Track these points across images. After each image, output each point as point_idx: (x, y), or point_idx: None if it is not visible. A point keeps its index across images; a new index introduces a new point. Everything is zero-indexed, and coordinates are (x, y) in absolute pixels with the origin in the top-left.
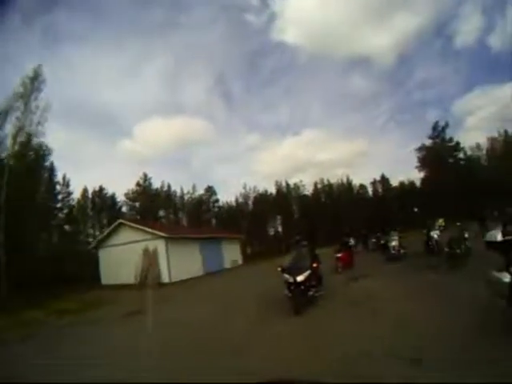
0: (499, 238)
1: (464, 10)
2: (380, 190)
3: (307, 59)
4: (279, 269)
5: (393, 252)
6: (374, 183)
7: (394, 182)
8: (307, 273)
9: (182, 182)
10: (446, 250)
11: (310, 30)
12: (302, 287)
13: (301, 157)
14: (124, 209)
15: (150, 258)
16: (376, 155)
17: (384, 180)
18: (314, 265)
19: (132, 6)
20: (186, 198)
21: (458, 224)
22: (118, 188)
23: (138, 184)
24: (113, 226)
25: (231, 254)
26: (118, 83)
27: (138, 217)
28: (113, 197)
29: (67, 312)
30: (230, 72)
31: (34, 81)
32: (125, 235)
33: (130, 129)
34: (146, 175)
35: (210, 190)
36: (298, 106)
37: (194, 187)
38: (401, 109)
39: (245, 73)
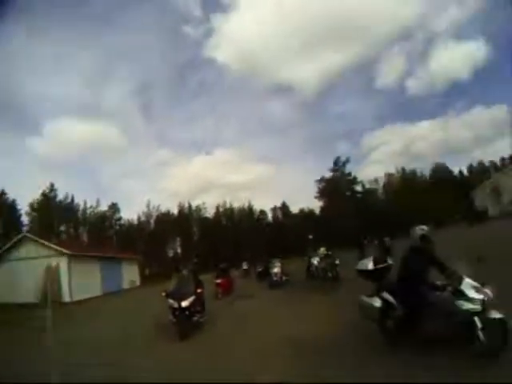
0: (370, 266)
1: (388, 55)
2: (280, 216)
3: (233, 80)
4: (163, 294)
5: (275, 279)
6: (274, 209)
7: (296, 209)
8: (192, 298)
9: (88, 191)
10: (321, 275)
11: (242, 51)
12: (187, 312)
13: (209, 177)
14: (24, 218)
15: (52, 275)
16: (283, 181)
17: (284, 207)
18: (199, 290)
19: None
20: (88, 212)
21: (329, 252)
22: (22, 192)
23: (43, 194)
24: (15, 239)
25: (130, 274)
26: (37, 74)
27: (36, 229)
28: (13, 203)
29: None
30: (154, 81)
31: None
32: (27, 250)
33: (40, 126)
34: (52, 185)
35: (114, 207)
36: (215, 124)
37: (97, 201)
38: (314, 139)
39: (169, 85)
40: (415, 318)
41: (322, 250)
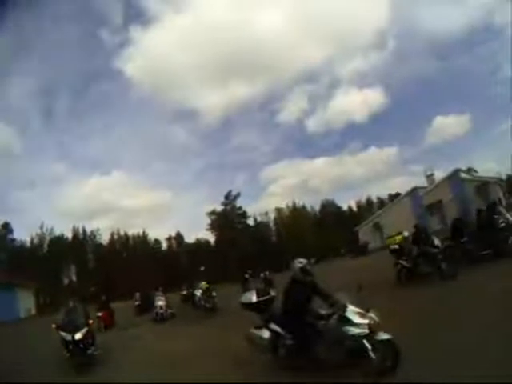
0: (254, 299)
1: (292, 93)
2: (174, 245)
3: (139, 97)
4: (54, 326)
5: (160, 311)
6: (169, 239)
7: (192, 239)
8: (85, 330)
9: None
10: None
11: (154, 68)
12: (81, 345)
13: (105, 199)
14: None
15: None
16: (180, 208)
17: (179, 237)
18: (90, 321)
19: None
20: None
21: (209, 286)
22: None
23: None
24: None
25: (25, 302)
26: None
27: None
28: None
29: None
30: (59, 85)
31: None
32: None
33: None
34: None
35: (7, 227)
36: (115, 143)
37: None
38: (212, 167)
39: (75, 92)
40: (305, 346)
41: (203, 283)
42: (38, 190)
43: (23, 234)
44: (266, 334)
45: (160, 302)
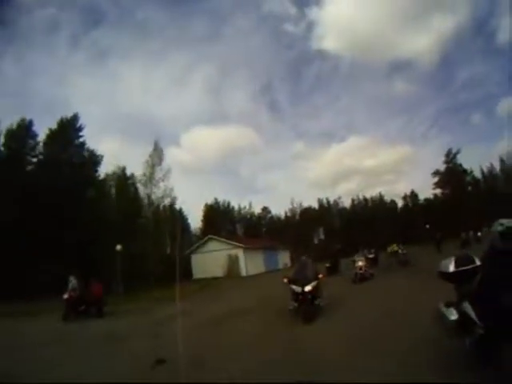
0: (451, 268)
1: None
2: (410, 204)
3: (348, 65)
4: (285, 280)
5: (360, 272)
6: (404, 197)
7: (428, 194)
8: (314, 283)
9: (232, 191)
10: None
11: (348, 36)
12: (310, 297)
13: (346, 164)
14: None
15: (233, 260)
16: (419, 161)
17: (413, 195)
18: (320, 276)
19: (174, 20)
20: (242, 212)
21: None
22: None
23: (207, 205)
24: (204, 240)
25: (283, 258)
26: (165, 94)
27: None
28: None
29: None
30: (272, 81)
31: (155, 155)
32: (212, 245)
33: (177, 138)
34: (216, 199)
35: (266, 210)
36: (341, 112)
37: (250, 204)
38: (445, 112)
39: (288, 81)
40: (497, 345)
41: (394, 245)
42: (283, 170)
43: (278, 209)
44: (453, 314)
45: (360, 263)
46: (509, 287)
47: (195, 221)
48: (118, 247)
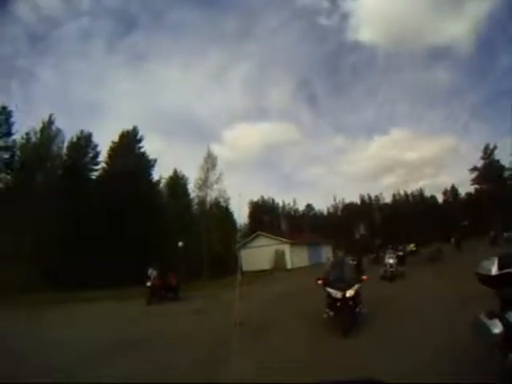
0: (493, 270)
1: None
2: (450, 199)
3: (385, 56)
4: (320, 282)
5: (390, 269)
6: (445, 192)
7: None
8: (356, 286)
9: (272, 185)
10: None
11: (383, 26)
12: (351, 303)
13: (388, 157)
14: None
15: (279, 254)
16: (461, 154)
17: (453, 190)
18: (364, 277)
19: (207, 19)
20: (286, 208)
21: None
22: None
23: (252, 202)
24: (252, 236)
25: (326, 253)
26: (204, 92)
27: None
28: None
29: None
30: (310, 75)
31: (209, 160)
32: (260, 241)
33: (218, 135)
34: (262, 197)
35: (310, 207)
36: (381, 104)
37: (294, 201)
38: (487, 100)
39: (325, 74)
40: None
41: (412, 245)
42: (324, 163)
43: (320, 202)
44: (496, 327)
45: (390, 260)
46: None
47: (241, 217)
48: (180, 244)
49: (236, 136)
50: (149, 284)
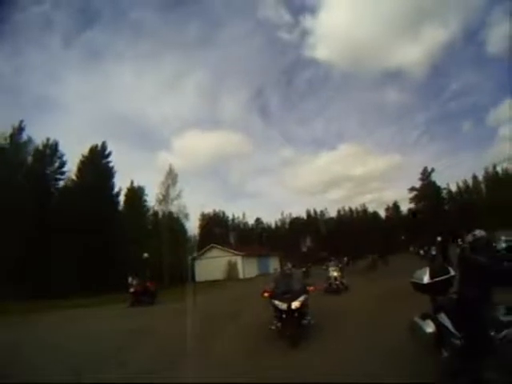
0: (425, 279)
1: (492, 18)
2: (391, 216)
3: (340, 74)
4: (266, 294)
5: (335, 282)
6: (387, 209)
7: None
8: (303, 297)
9: (219, 194)
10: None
11: (340, 45)
12: (296, 315)
13: (336, 171)
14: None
15: (232, 265)
16: (408, 170)
17: (395, 206)
18: (311, 288)
19: (169, 24)
20: (236, 221)
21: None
22: None
23: (203, 214)
24: (206, 248)
25: (273, 263)
26: (157, 98)
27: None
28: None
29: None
30: (265, 86)
31: (170, 177)
32: (215, 253)
33: (168, 142)
34: (214, 210)
35: (259, 221)
36: (332, 120)
37: (243, 214)
38: (435, 121)
39: (280, 87)
40: (479, 354)
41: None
42: (272, 176)
43: (266, 214)
44: (429, 327)
45: (335, 273)
46: (484, 298)
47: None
48: (145, 255)
49: (185, 143)
50: (132, 290)
